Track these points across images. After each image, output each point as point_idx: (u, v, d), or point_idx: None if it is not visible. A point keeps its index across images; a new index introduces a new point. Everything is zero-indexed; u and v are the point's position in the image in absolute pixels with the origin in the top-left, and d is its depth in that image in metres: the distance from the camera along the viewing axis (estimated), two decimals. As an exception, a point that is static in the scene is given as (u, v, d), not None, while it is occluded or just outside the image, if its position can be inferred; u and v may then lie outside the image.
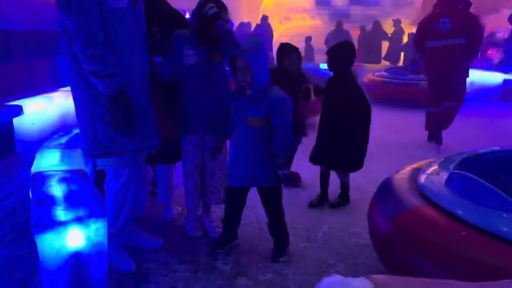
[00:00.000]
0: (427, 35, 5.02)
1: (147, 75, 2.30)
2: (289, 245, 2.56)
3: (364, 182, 3.74)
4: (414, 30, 11.36)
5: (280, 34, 11.47)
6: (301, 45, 10.82)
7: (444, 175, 2.12)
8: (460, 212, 1.84)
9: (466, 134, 5.59)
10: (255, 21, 11.72)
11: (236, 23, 10.99)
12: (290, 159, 3.67)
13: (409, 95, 7.40)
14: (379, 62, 10.33)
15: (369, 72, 8.46)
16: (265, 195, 2.49)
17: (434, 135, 5.27)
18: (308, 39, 11.63)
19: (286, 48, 3.37)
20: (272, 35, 11.30)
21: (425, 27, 5.06)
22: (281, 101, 2.34)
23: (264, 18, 11.40)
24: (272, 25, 11.69)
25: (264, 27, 10.99)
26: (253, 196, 2.59)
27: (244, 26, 11.19)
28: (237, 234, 2.61)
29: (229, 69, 2.37)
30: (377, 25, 10.73)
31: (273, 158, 2.37)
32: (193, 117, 2.56)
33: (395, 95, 7.54)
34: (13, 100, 4.27)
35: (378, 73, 8.30)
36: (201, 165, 2.68)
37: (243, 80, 2.32)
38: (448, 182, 2.04)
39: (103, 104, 2.10)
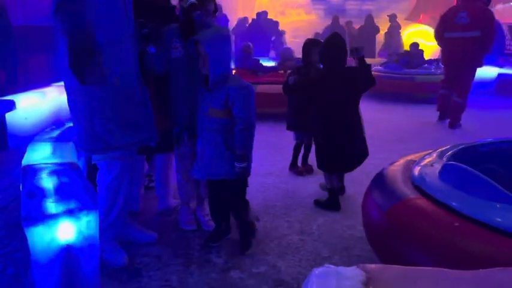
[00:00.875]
0: (446, 28, 5.63)
1: (138, 67, 2.28)
2: (254, 237, 2.56)
3: (359, 174, 3.73)
4: (410, 25, 11.35)
5: (276, 29, 11.41)
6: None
7: (438, 166, 2.12)
8: (454, 203, 1.83)
9: (463, 127, 5.63)
10: (250, 17, 11.61)
11: (232, 19, 10.89)
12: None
13: (404, 89, 7.42)
14: (373, 56, 10.30)
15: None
16: (230, 186, 2.45)
17: (445, 115, 5.84)
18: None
19: (312, 44, 3.50)
20: (274, 30, 11.12)
21: (446, 20, 5.68)
22: (238, 90, 2.28)
23: (260, 14, 11.29)
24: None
25: (261, 23, 10.87)
26: (249, 188, 2.57)
27: (240, 21, 11.03)
28: (229, 228, 2.60)
29: (195, 55, 2.35)
30: (369, 19, 10.70)
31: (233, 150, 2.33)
32: (182, 110, 2.54)
33: (391, 89, 7.57)
34: (6, 95, 4.24)
35: (375, 67, 8.31)
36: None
37: (203, 67, 2.30)
38: (442, 173, 2.04)
39: (101, 98, 2.07)
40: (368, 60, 3.11)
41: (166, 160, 2.91)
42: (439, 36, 5.79)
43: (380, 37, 11.04)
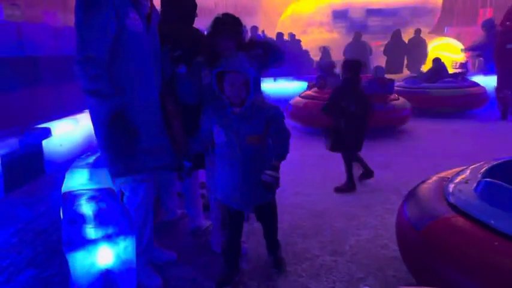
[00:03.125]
0: (508, 40, 6.71)
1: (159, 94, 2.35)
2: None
3: (389, 191, 3.70)
4: (435, 39, 11.26)
5: (298, 48, 11.51)
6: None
7: (473, 183, 2.08)
8: (492, 221, 1.79)
9: (494, 142, 5.49)
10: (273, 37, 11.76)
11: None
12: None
13: (420, 103, 7.27)
14: (401, 71, 10.21)
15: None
16: (265, 209, 2.43)
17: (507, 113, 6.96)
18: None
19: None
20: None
21: (507, 33, 6.74)
22: (274, 110, 2.27)
23: (291, 36, 11.43)
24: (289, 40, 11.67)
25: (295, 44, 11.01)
26: (278, 208, 2.58)
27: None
28: (238, 265, 2.47)
29: (215, 86, 2.23)
30: (397, 34, 10.62)
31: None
32: None
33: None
34: (42, 123, 4.42)
35: (397, 83, 8.25)
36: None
37: (237, 96, 2.19)
38: (478, 190, 2.00)
39: (119, 125, 2.12)
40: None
41: (194, 179, 2.97)
42: (503, 48, 6.79)
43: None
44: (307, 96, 6.43)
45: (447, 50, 12.18)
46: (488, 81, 7.89)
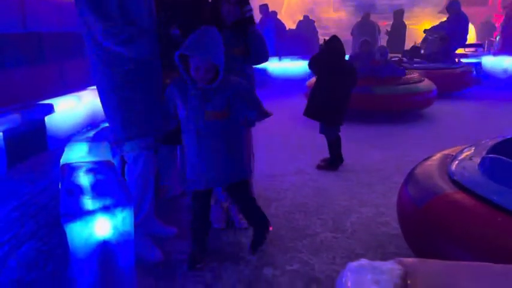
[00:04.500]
0: None
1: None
2: (268, 232, 2.47)
3: (392, 171, 3.67)
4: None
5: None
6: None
7: (477, 160, 2.04)
8: (495, 197, 1.76)
9: (502, 120, 5.43)
10: (279, 16, 11.53)
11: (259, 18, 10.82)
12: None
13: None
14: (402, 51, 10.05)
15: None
16: (237, 189, 2.35)
17: None
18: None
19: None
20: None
21: None
22: (244, 84, 2.28)
23: (306, 17, 11.15)
24: (296, 18, 11.43)
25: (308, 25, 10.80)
26: (280, 186, 2.56)
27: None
28: (207, 245, 2.39)
29: (180, 69, 2.11)
30: (399, 15, 10.44)
31: (240, 149, 2.27)
32: None
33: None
34: (45, 99, 4.40)
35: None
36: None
37: (203, 78, 2.09)
38: (481, 166, 1.96)
39: (128, 88, 2.19)
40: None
41: (169, 153, 3.01)
42: None
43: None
44: None
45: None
46: (497, 62, 7.82)
